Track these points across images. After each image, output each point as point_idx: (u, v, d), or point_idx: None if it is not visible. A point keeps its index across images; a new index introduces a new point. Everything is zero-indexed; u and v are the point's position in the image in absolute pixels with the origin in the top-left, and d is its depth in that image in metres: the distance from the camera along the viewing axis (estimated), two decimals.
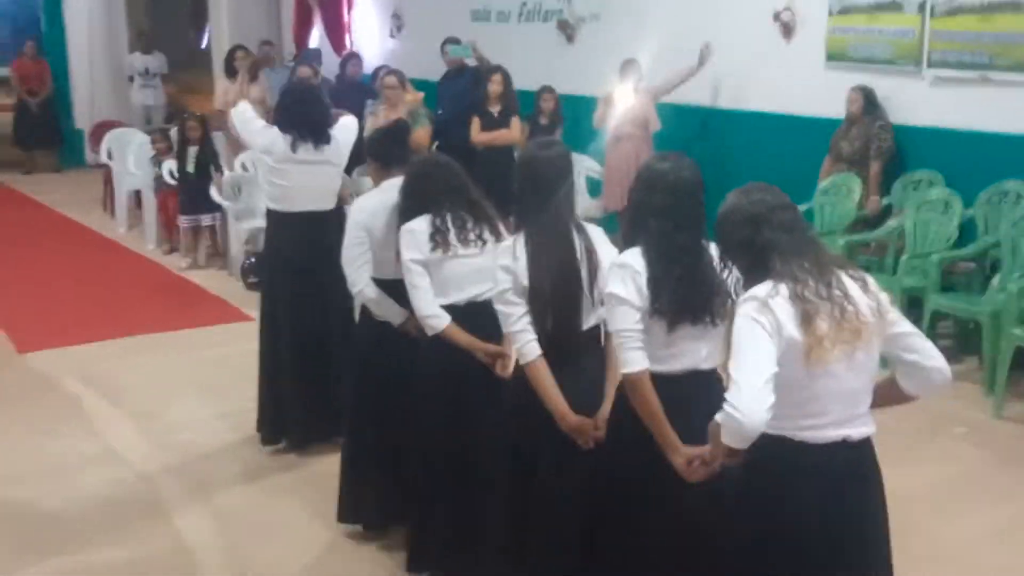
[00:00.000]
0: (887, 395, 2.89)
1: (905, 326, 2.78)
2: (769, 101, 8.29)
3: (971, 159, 6.95)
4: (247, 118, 5.23)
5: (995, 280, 6.18)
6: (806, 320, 2.60)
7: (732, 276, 2.94)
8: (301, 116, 5.09)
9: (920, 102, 7.25)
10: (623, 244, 3.14)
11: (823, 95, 7.71)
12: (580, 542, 3.32)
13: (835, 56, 7.79)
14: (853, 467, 2.77)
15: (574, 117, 9.04)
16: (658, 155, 3.20)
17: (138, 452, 5.35)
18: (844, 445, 2.73)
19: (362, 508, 4.39)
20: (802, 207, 7.41)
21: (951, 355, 6.51)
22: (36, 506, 4.76)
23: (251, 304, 7.72)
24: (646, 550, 3.14)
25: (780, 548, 2.76)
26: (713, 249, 3.05)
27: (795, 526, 2.74)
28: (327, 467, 4.78)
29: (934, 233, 6.69)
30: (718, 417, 2.62)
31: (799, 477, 2.72)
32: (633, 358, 2.98)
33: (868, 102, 7.34)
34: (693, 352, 3.07)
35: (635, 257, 3.02)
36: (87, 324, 7.37)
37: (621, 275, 3.01)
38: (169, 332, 7.25)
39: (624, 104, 8.22)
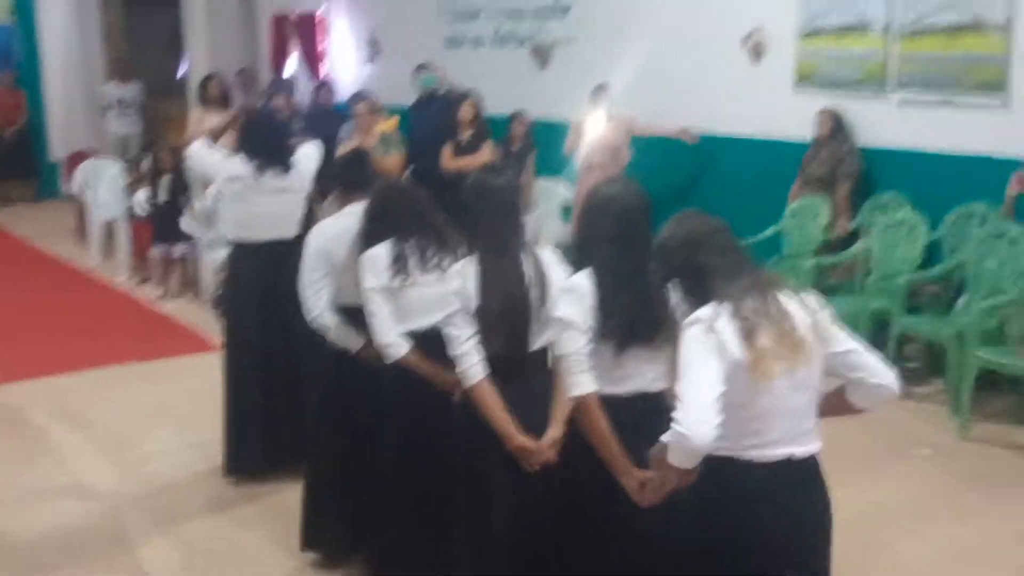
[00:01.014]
0: (836, 406, 2.93)
1: (847, 343, 2.82)
2: (739, 125, 8.34)
3: (938, 181, 7.00)
4: (203, 155, 5.26)
5: (960, 301, 6.23)
6: (748, 336, 2.66)
7: (675, 299, 3.00)
8: (265, 142, 5.12)
9: (887, 124, 7.31)
10: (573, 268, 3.17)
11: (792, 118, 7.76)
12: (539, 565, 3.34)
13: (804, 79, 7.86)
14: (799, 485, 2.81)
15: (547, 142, 9.10)
16: (605, 180, 3.24)
17: (106, 483, 5.33)
18: (789, 463, 2.77)
19: (324, 536, 4.39)
20: (771, 230, 7.53)
21: (919, 377, 6.59)
22: (3, 537, 4.74)
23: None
24: (602, 571, 3.16)
25: (732, 566, 2.79)
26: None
27: (745, 544, 2.78)
28: (292, 496, 4.76)
29: (900, 255, 6.74)
30: (665, 437, 2.65)
31: (746, 496, 2.76)
32: (581, 381, 3.03)
33: (836, 124, 7.40)
34: (641, 374, 3.11)
35: (583, 280, 3.05)
36: (58, 356, 7.34)
37: (569, 299, 3.05)
38: (140, 363, 7.23)
39: (595, 132, 8.26)
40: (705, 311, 2.71)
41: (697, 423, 2.56)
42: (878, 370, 2.83)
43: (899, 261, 6.72)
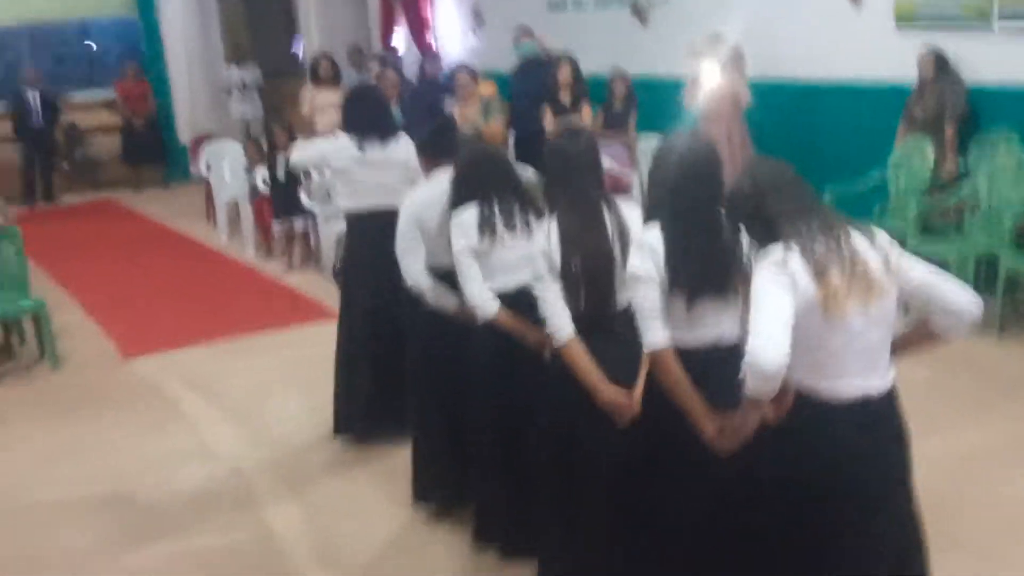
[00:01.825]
0: (920, 338, 2.99)
1: (921, 273, 2.86)
2: (842, 68, 8.25)
3: None
4: (304, 152, 5.51)
5: None
6: (819, 273, 2.73)
7: (747, 249, 3.06)
8: (363, 117, 5.32)
9: (992, 60, 7.14)
10: (645, 222, 3.27)
11: (894, 59, 7.64)
12: (623, 514, 3.47)
13: (904, 17, 7.71)
14: (877, 422, 2.86)
15: (650, 99, 9.14)
16: (673, 135, 3.31)
17: (233, 448, 5.67)
18: (865, 401, 2.82)
19: (433, 488, 4.63)
20: (878, 174, 7.45)
21: None
22: (139, 498, 5.12)
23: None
24: (683, 518, 3.28)
25: (815, 503, 2.87)
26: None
27: (826, 481, 2.85)
28: (401, 455, 4.99)
29: (1008, 195, 6.61)
30: (743, 365, 2.74)
31: (825, 434, 2.83)
32: (656, 333, 3.11)
33: (940, 64, 7.26)
34: (715, 326, 3.18)
35: (653, 235, 3.14)
36: (188, 330, 7.77)
37: (640, 253, 3.14)
38: (265, 334, 7.59)
39: (712, 82, 8.23)
40: (776, 252, 2.78)
41: (767, 347, 2.64)
42: (958, 296, 2.84)
43: (1007, 201, 6.60)
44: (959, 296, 2.84)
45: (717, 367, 3.14)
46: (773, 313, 2.69)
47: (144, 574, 4.45)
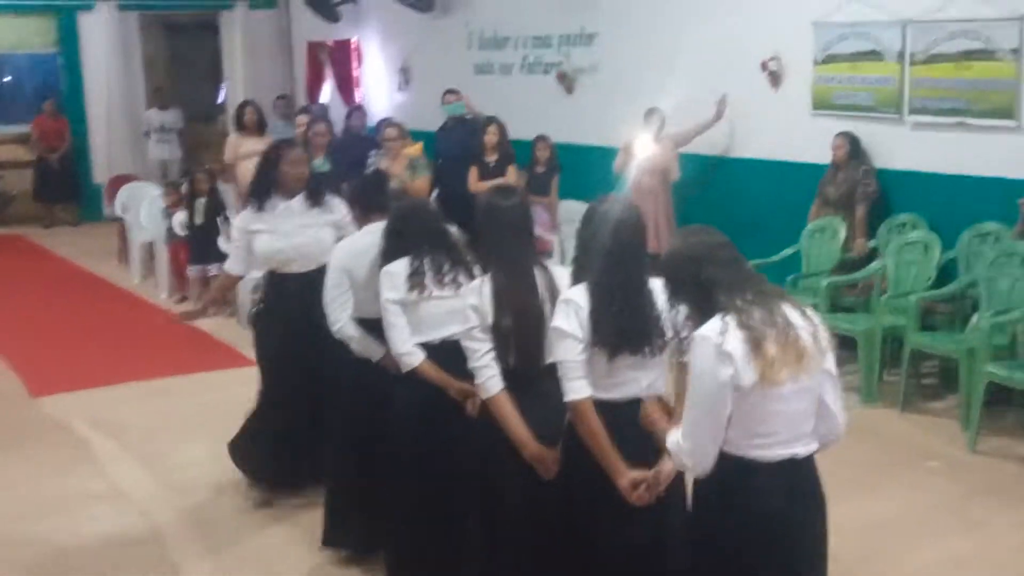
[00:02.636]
0: None
1: (832, 368, 2.97)
2: (760, 148, 8.54)
3: (952, 202, 7.15)
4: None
5: (974, 319, 6.36)
6: (755, 346, 2.77)
7: (676, 314, 3.14)
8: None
9: (902, 147, 7.48)
10: (571, 281, 3.37)
11: (811, 141, 7.95)
12: (544, 563, 3.52)
13: (821, 104, 8.04)
14: (800, 482, 2.94)
15: (573, 165, 9.33)
16: (601, 198, 3.43)
17: (143, 491, 5.59)
18: (791, 462, 2.90)
19: (344, 534, 4.63)
20: (790, 250, 7.70)
21: (933, 394, 6.73)
22: (44, 540, 5.00)
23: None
24: (608, 570, 3.34)
25: (732, 562, 2.93)
26: (654, 286, 3.28)
27: (744, 540, 2.90)
28: (313, 502, 5.01)
29: (914, 274, 6.89)
30: (669, 444, 2.84)
31: (748, 492, 2.89)
32: (576, 387, 3.22)
33: (853, 148, 7.58)
34: (634, 381, 3.29)
35: (579, 293, 3.25)
36: (99, 369, 7.65)
37: (565, 310, 3.25)
38: (178, 376, 7.51)
39: (645, 153, 8.44)
40: (713, 326, 2.82)
41: (700, 458, 2.84)
42: (839, 407, 2.99)
43: (913, 280, 6.87)
44: (841, 409, 2.99)
45: (635, 421, 3.24)
46: (706, 420, 2.81)
47: None
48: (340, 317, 4.41)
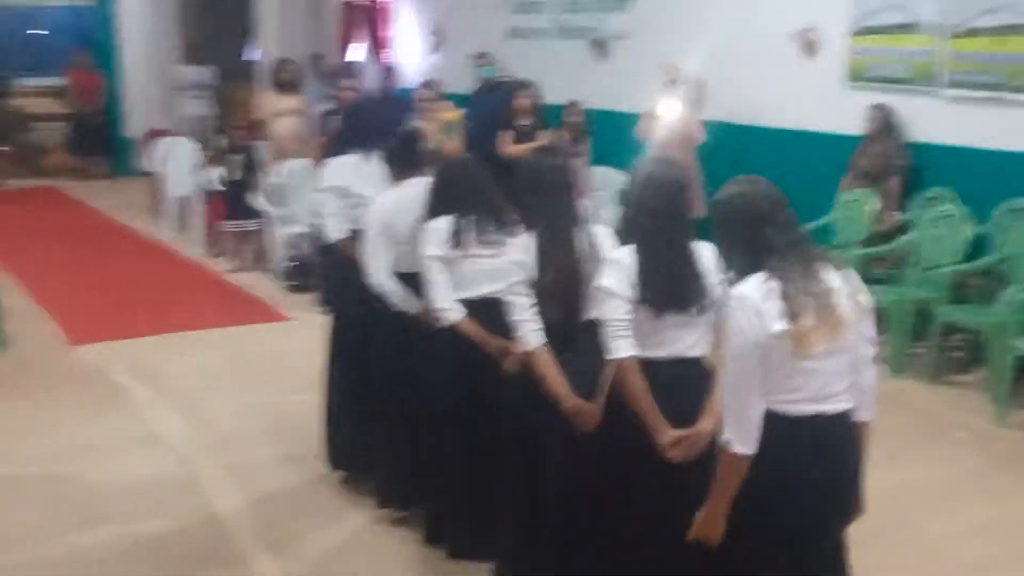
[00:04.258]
0: None
1: (870, 332, 3.01)
2: (792, 118, 8.55)
3: (985, 176, 7.15)
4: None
5: (1004, 293, 6.38)
6: (792, 316, 2.81)
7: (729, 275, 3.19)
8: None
9: (937, 121, 7.47)
10: (619, 242, 3.44)
11: (844, 113, 7.94)
12: (581, 522, 3.60)
13: (856, 76, 8.03)
14: (826, 439, 2.97)
15: (604, 131, 9.35)
16: (647, 160, 3.50)
17: (180, 438, 5.71)
18: (818, 418, 2.93)
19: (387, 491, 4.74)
20: (821, 221, 7.73)
21: (961, 366, 6.77)
22: (84, 482, 5.13)
23: (290, 305, 8.14)
24: (637, 529, 3.41)
25: (763, 515, 2.97)
26: (701, 246, 3.35)
27: (775, 493, 2.94)
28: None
29: (945, 247, 6.91)
30: (723, 443, 2.90)
31: (769, 445, 2.91)
32: (620, 345, 3.27)
33: (887, 120, 7.57)
34: (678, 340, 3.34)
35: (626, 252, 3.31)
36: (136, 321, 7.77)
37: (612, 270, 3.31)
38: (214, 329, 7.62)
39: (668, 118, 8.46)
40: (753, 288, 2.84)
41: (748, 441, 2.86)
42: (873, 370, 3.06)
43: (944, 253, 6.89)
44: (875, 372, 3.06)
45: (679, 379, 3.31)
46: (747, 402, 2.84)
47: (91, 555, 4.47)
48: (378, 269, 4.47)
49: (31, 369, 6.74)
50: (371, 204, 4.60)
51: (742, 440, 2.85)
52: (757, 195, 2.97)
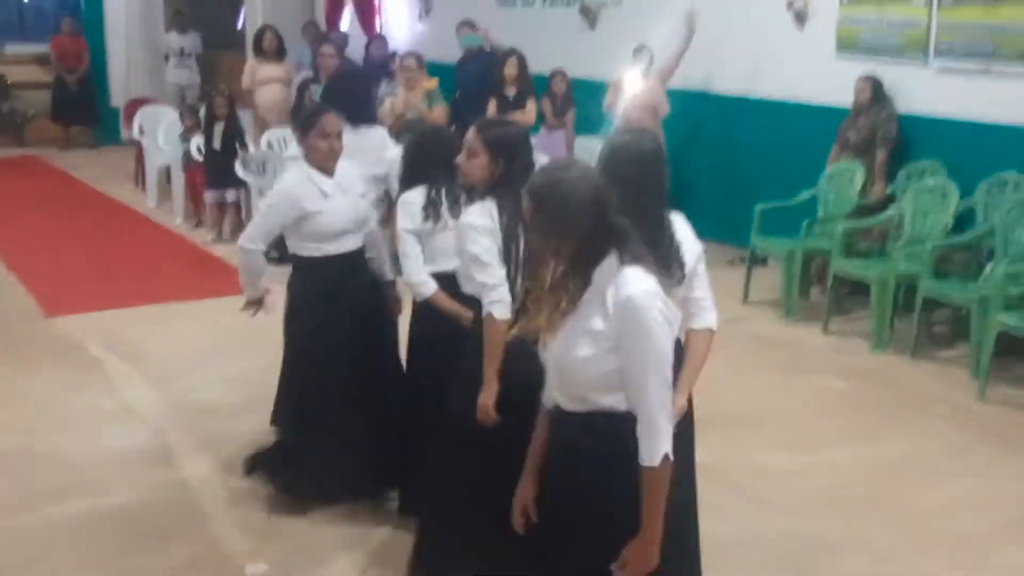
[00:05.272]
0: None
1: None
2: (780, 88, 8.46)
3: (973, 149, 7.09)
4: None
5: (988, 268, 6.33)
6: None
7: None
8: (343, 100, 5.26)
9: (926, 92, 7.40)
10: None
11: (833, 84, 7.86)
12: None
13: (845, 45, 7.94)
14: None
15: (593, 100, 9.25)
16: (621, 130, 3.42)
17: (155, 410, 5.65)
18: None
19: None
20: (807, 193, 7.65)
21: (944, 340, 6.73)
22: (58, 454, 5.08)
23: (269, 277, 8.03)
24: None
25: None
26: (674, 216, 3.28)
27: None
28: None
29: (931, 221, 6.84)
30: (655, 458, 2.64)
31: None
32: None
33: (876, 91, 7.49)
34: None
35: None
36: (112, 292, 7.70)
37: None
38: (190, 301, 7.54)
39: (633, 89, 8.41)
40: (653, 283, 2.63)
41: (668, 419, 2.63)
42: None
43: (930, 227, 6.82)
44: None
45: None
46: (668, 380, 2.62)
47: (67, 527, 4.43)
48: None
49: (6, 341, 6.67)
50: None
51: (670, 444, 2.62)
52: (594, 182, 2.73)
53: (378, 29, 13.29)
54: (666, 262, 3.24)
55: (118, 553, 4.24)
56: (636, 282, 2.58)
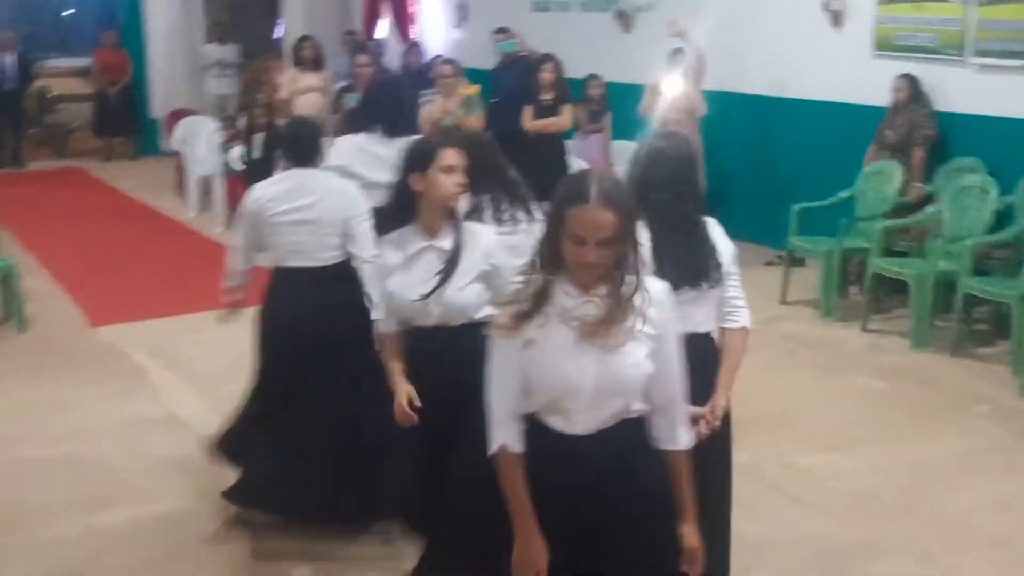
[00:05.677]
0: None
1: None
2: (817, 88, 8.44)
3: (1012, 146, 7.05)
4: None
5: None
6: None
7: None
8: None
9: (964, 90, 7.36)
10: None
11: (870, 83, 7.83)
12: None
13: (883, 45, 7.92)
14: None
15: (629, 104, 9.25)
16: (655, 134, 3.44)
17: (200, 419, 5.70)
18: None
19: None
20: (845, 193, 7.63)
21: (985, 339, 6.68)
22: (102, 462, 5.17)
23: None
24: None
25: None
26: (708, 220, 3.30)
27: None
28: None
29: (970, 219, 6.80)
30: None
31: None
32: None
33: (913, 90, 7.47)
34: (689, 317, 3.25)
35: (639, 229, 3.24)
36: (156, 301, 7.80)
37: None
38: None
39: (671, 93, 8.40)
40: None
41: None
42: None
43: (969, 225, 6.78)
44: None
45: (690, 357, 3.22)
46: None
47: (110, 535, 4.51)
48: None
49: (52, 350, 6.78)
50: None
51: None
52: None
53: (415, 37, 13.38)
54: (703, 265, 3.27)
55: (164, 561, 4.31)
56: (654, 280, 2.71)
